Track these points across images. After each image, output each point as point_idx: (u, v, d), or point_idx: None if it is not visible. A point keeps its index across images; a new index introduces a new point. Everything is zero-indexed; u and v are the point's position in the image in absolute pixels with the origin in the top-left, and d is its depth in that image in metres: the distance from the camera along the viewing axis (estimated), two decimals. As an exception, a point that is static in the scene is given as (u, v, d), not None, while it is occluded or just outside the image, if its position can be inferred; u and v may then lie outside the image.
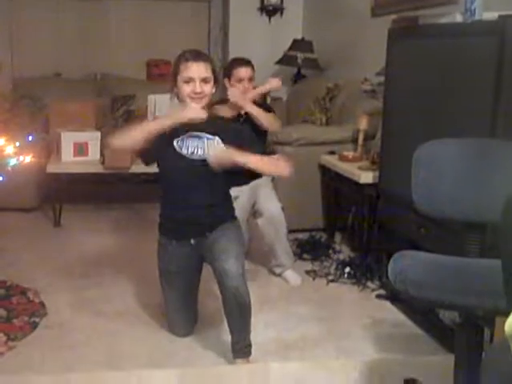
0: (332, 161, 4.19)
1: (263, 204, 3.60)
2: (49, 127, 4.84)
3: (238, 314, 2.64)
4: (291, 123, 5.32)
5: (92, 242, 4.23)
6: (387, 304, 3.35)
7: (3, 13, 6.77)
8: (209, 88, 2.76)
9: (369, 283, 3.59)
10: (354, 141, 4.25)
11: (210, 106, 2.87)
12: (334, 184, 4.25)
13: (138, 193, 5.33)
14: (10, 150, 2.95)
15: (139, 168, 4.60)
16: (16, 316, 3.07)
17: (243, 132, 2.89)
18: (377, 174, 3.65)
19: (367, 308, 3.31)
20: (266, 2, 6.60)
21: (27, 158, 3.08)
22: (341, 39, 5.66)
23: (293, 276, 3.68)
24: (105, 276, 3.67)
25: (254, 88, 3.68)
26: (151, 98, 4.81)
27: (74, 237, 4.34)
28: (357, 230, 3.99)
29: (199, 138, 2.75)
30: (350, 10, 5.46)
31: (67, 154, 4.53)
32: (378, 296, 3.44)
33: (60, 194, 4.61)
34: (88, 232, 4.46)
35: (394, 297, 3.30)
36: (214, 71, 2.83)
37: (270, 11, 6.62)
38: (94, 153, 4.59)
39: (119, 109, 6.01)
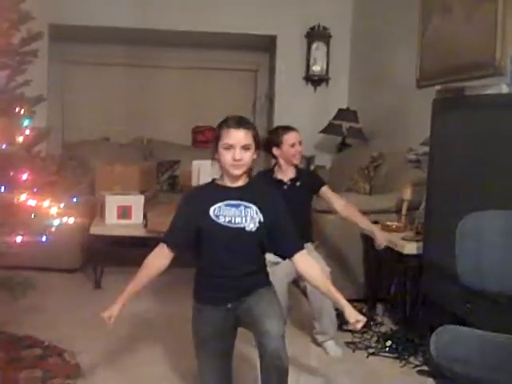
0: (375, 230, 4.13)
1: None
2: (95, 189, 4.93)
3: (276, 380, 2.53)
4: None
5: (131, 306, 4.19)
6: (430, 381, 3.22)
7: (56, 79, 7.03)
8: (248, 156, 2.72)
9: (411, 359, 3.46)
10: (398, 211, 4.20)
11: (248, 173, 2.81)
12: (376, 254, 4.18)
13: (179, 257, 5.32)
14: (54, 210, 3.00)
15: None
16: (51, 377, 3.04)
17: (280, 205, 2.81)
18: (421, 244, 3.59)
19: (409, 384, 3.19)
20: (311, 71, 6.71)
21: (70, 220, 3.12)
22: (385, 109, 5.68)
23: (333, 347, 3.59)
24: (142, 340, 3.65)
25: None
26: (195, 163, 4.86)
27: (113, 299, 4.33)
28: (399, 301, 3.89)
29: (237, 206, 2.70)
30: (394, 81, 5.51)
31: (111, 216, 4.59)
32: (420, 372, 3.30)
33: (102, 256, 4.64)
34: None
35: (438, 373, 3.17)
36: (255, 138, 2.79)
37: (316, 81, 6.72)
38: (137, 216, 4.64)
39: (164, 173, 6.12)
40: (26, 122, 3.05)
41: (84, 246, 4.83)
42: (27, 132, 3.03)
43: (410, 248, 3.66)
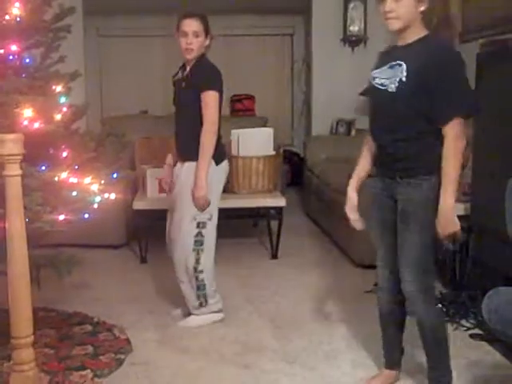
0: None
1: None
2: (135, 164, 4.93)
3: (423, 338, 2.57)
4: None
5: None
6: (484, 344, 3.15)
7: (92, 54, 7.04)
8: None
9: (463, 321, 3.39)
10: (443, 171, 4.08)
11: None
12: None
13: (222, 228, 5.32)
14: (95, 187, 2.99)
15: (223, 203, 4.58)
16: (102, 353, 3.08)
17: (442, 64, 2.36)
18: (468, 205, 3.50)
19: (462, 348, 3.12)
20: (348, 32, 6.56)
21: (112, 196, 3.11)
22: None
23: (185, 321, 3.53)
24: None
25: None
26: (234, 132, 4.82)
27: (159, 273, 4.35)
28: (448, 264, 3.81)
29: (393, 67, 2.45)
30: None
31: (152, 190, 4.59)
32: (473, 335, 3.24)
33: (146, 231, 4.65)
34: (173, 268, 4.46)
35: (490, 336, 3.10)
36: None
37: (353, 41, 6.58)
38: (178, 188, 4.61)
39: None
40: (63, 99, 3.03)
41: (128, 222, 4.86)
42: (64, 109, 3.02)
43: (458, 209, 3.54)
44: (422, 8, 2.39)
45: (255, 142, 4.78)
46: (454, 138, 2.35)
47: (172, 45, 3.73)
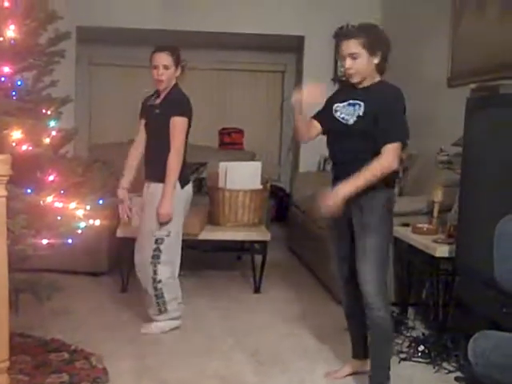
0: (405, 233, 4.04)
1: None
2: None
3: (373, 337, 2.96)
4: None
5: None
6: (466, 388, 3.13)
7: (83, 81, 7.05)
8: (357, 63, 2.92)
9: (445, 364, 3.37)
10: (428, 213, 4.10)
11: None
12: (406, 257, 4.09)
13: (206, 260, 5.30)
14: (80, 213, 2.97)
15: (208, 235, 4.59)
16: (78, 382, 3.01)
17: (388, 102, 2.88)
18: (453, 247, 3.49)
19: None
20: (339, 72, 6.62)
21: (97, 222, 3.08)
22: (415, 109, 5.52)
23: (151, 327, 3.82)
24: (169, 343, 3.61)
25: None
26: (223, 165, 4.83)
27: (139, 303, 4.29)
28: (431, 306, 3.80)
29: (353, 105, 2.93)
30: (423, 81, 5.41)
31: (136, 218, 4.54)
32: (457, 379, 3.20)
33: (129, 259, 4.59)
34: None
35: (474, 380, 3.07)
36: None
37: (344, 82, 6.63)
38: (163, 218, 4.58)
39: (190, 175, 6.06)
40: (52, 123, 3.02)
41: (111, 249, 4.81)
42: (54, 133, 3.01)
43: (442, 251, 3.57)
44: (376, 61, 2.88)
45: (243, 176, 4.79)
46: (385, 157, 2.80)
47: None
